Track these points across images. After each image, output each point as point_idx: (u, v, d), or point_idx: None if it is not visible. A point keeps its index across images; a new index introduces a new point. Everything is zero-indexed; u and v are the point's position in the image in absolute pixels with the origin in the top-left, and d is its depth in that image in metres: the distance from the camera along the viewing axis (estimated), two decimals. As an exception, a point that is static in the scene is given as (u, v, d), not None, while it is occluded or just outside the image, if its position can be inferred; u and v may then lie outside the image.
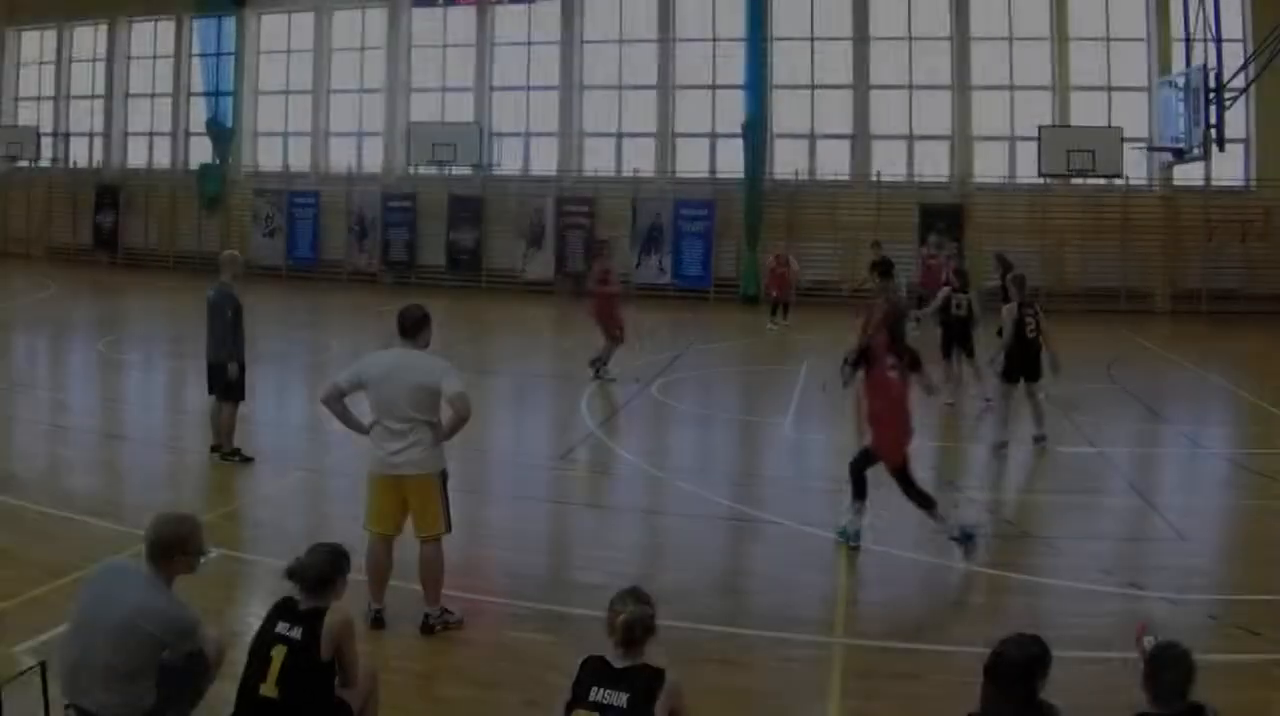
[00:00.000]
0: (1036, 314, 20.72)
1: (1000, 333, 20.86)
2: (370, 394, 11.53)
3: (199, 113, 54.52)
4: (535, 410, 25.44)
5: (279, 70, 54.46)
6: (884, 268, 21.28)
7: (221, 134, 53.36)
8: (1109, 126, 43.79)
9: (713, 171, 48.33)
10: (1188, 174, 42.68)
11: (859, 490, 14.87)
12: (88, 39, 58.40)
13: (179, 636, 8.27)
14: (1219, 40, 34.78)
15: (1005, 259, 24.25)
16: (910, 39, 46.69)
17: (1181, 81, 36.73)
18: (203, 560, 8.71)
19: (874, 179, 45.94)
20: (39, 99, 59.64)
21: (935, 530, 14.61)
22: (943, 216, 43.86)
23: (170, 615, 8.22)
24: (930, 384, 15.64)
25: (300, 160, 53.75)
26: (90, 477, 18.02)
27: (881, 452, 14.78)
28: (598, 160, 49.70)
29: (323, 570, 8.46)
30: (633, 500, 17.29)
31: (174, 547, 8.36)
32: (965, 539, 14.40)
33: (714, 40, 48.39)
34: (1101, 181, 44.08)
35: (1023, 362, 20.67)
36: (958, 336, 24.38)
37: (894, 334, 15.20)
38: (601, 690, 7.40)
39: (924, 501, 14.64)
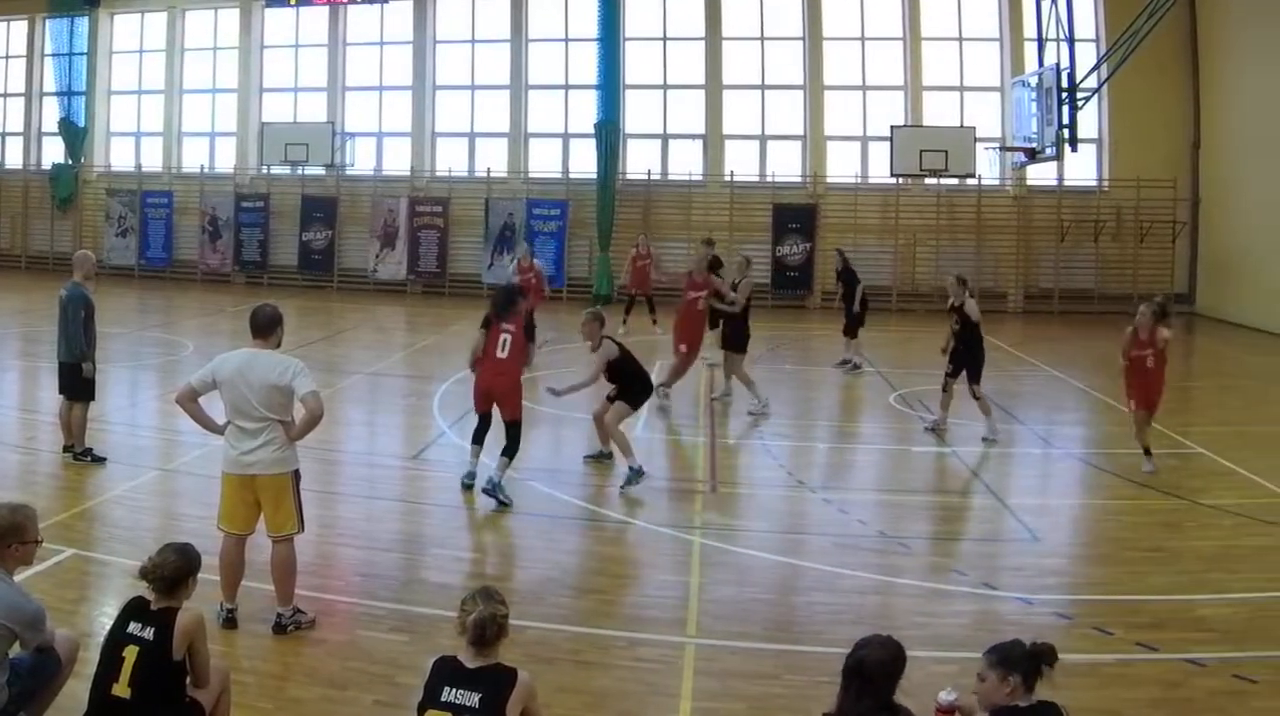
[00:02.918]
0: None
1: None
2: (223, 393, 10.98)
3: (51, 113, 50.02)
4: (388, 410, 24.00)
5: (131, 70, 49.94)
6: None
7: (74, 134, 48.83)
8: (962, 126, 41.52)
9: (565, 171, 44.94)
10: (1041, 174, 40.87)
11: None
12: (-61, 39, 53.56)
13: (25, 626, 7.96)
14: (1072, 40, 33.10)
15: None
16: (763, 39, 43.85)
17: (1034, 81, 34.77)
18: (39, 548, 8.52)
19: (727, 179, 43.14)
20: (-110, 100, 54.99)
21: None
22: (796, 216, 42.46)
23: (14, 603, 7.93)
24: None
25: (153, 160, 49.13)
26: (-61, 478, 16.52)
27: None
28: (451, 160, 46.13)
29: (174, 570, 8.09)
30: (486, 500, 15.81)
31: (9, 536, 8.08)
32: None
33: (566, 40, 45.06)
34: (954, 181, 41.76)
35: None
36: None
37: None
38: (454, 690, 7.09)
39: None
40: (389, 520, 15.57)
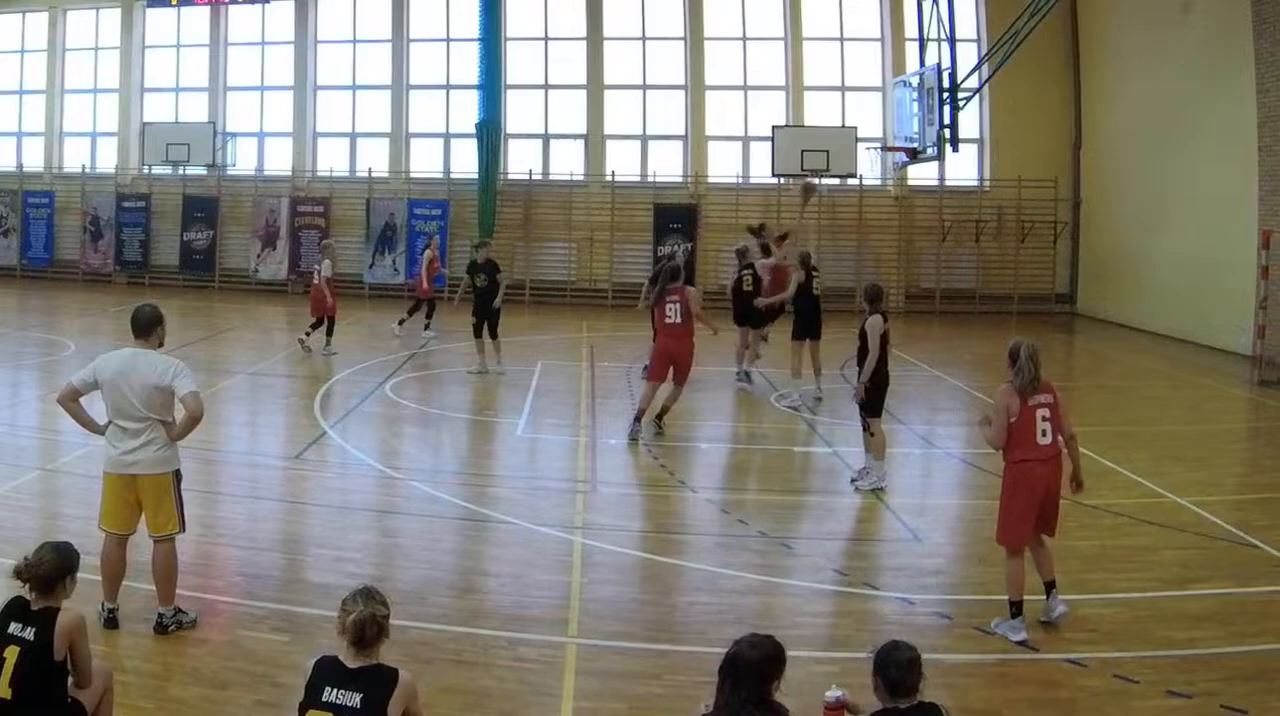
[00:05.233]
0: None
1: None
2: (104, 394, 10.42)
3: (-68, 113, 46.82)
4: (269, 410, 22.94)
5: (12, 70, 46.86)
6: None
7: (-45, 134, 45.64)
8: (843, 126, 39.96)
9: (447, 171, 42.89)
10: (922, 174, 39.75)
11: None
12: None
13: None
14: (953, 40, 32.20)
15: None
16: (644, 39, 42.06)
17: (916, 81, 33.59)
18: None
19: (608, 179, 41.22)
20: None
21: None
22: (677, 216, 40.59)
23: None
24: None
25: (34, 160, 46.22)
26: None
27: None
28: (332, 160, 43.80)
29: (51, 569, 7.69)
30: (367, 500, 15.74)
31: None
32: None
33: (448, 41, 42.88)
34: (836, 181, 39.79)
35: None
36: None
37: None
38: (335, 690, 6.74)
39: None
40: (271, 520, 15.02)
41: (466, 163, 42.11)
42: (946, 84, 31.84)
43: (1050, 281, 40.07)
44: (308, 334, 28.00)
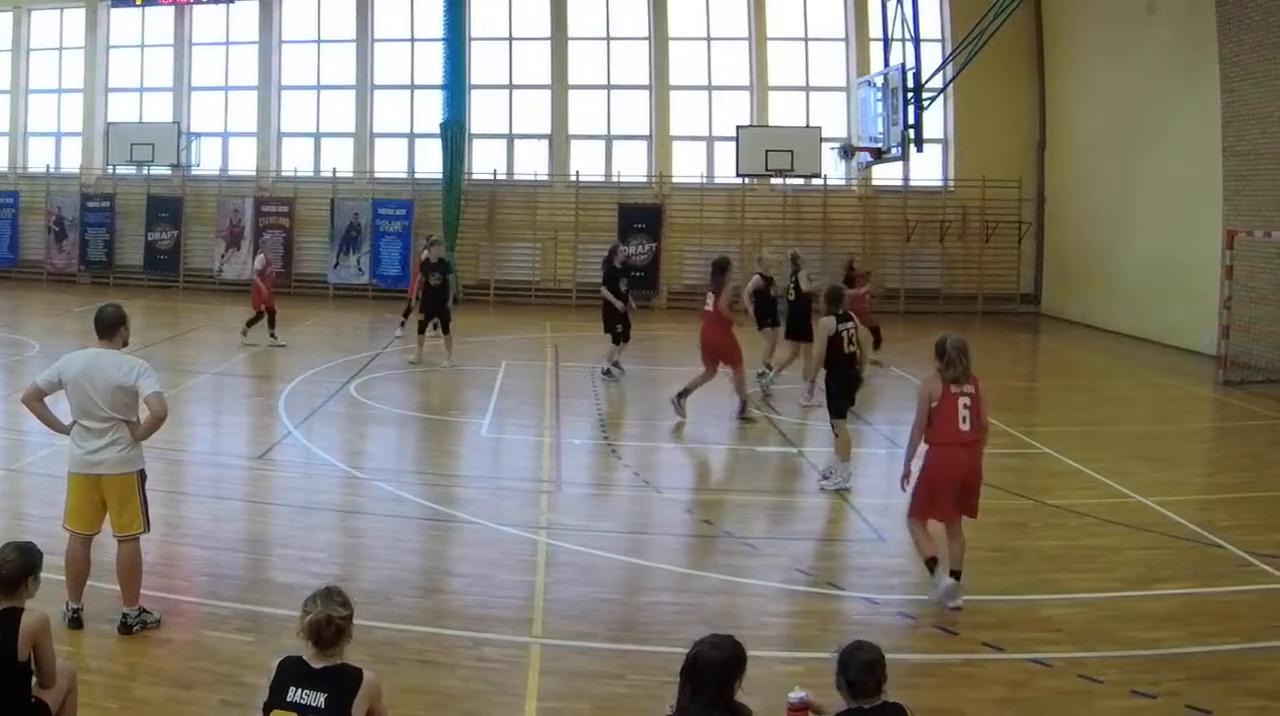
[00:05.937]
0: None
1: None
2: (69, 393, 10.39)
3: (-104, 113, 45.77)
4: (233, 410, 22.89)
5: (-24, 70, 46.02)
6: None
7: (-81, 135, 44.72)
8: (807, 127, 39.52)
9: (411, 171, 42.34)
10: (886, 174, 39.11)
11: None
12: None
13: None
14: (917, 40, 31.98)
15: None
16: (608, 39, 41.65)
17: (880, 81, 33.03)
18: None
19: (572, 179, 40.74)
20: None
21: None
22: (641, 216, 40.19)
23: None
24: None
25: (-2, 160, 45.42)
26: None
27: None
28: (296, 160, 43.30)
29: (14, 569, 7.54)
30: (331, 500, 15.71)
31: None
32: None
33: (412, 40, 42.40)
34: (800, 181, 39.52)
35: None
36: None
37: None
38: (299, 690, 6.69)
39: None
40: (235, 520, 14.86)
41: (431, 163, 41.57)
42: (911, 84, 31.49)
43: (1015, 281, 39.81)
44: (273, 334, 28.72)
